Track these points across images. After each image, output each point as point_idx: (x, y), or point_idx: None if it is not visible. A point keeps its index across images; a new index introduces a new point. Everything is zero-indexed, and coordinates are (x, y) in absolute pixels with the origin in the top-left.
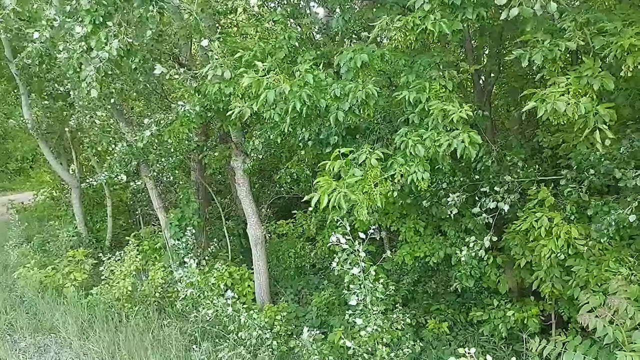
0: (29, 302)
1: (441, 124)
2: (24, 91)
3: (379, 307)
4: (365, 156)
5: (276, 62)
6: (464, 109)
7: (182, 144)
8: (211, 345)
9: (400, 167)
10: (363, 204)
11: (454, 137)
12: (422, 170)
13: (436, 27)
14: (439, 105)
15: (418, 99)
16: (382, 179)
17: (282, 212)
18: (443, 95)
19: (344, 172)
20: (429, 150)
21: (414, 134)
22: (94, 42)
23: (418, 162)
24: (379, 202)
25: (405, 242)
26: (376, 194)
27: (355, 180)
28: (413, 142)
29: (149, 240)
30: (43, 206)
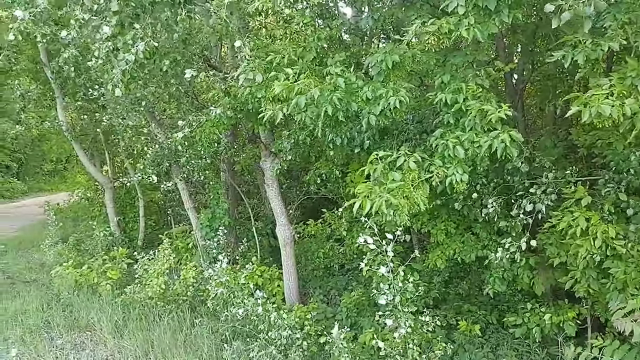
0: (65, 300)
1: (479, 124)
2: (58, 94)
3: (409, 307)
4: (404, 159)
5: (306, 65)
6: (503, 109)
7: (212, 145)
8: (242, 344)
9: (438, 169)
10: (404, 208)
11: (494, 138)
12: (461, 172)
13: (470, 34)
14: (477, 106)
15: (455, 99)
16: (420, 181)
17: (309, 212)
18: (480, 95)
19: (382, 176)
20: (467, 151)
21: (451, 136)
22: (121, 43)
23: (457, 163)
24: (422, 206)
25: (436, 244)
26: (417, 197)
27: (397, 185)
28: (452, 143)
29: (181, 240)
30: (78, 207)
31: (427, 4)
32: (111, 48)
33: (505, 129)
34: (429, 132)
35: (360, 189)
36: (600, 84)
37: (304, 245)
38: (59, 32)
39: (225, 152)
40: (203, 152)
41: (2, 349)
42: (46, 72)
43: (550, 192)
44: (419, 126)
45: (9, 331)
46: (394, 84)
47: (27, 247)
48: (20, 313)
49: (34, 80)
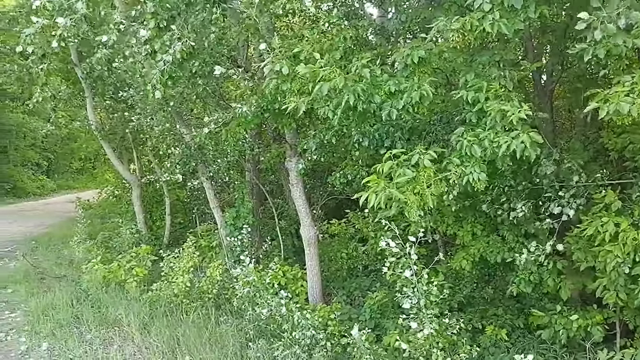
0: (94, 296)
1: (499, 124)
2: (88, 94)
3: (434, 310)
4: (418, 157)
5: (333, 60)
6: (524, 109)
7: (237, 145)
8: (266, 343)
9: (456, 167)
10: (413, 205)
11: (512, 138)
12: (479, 170)
13: (494, 28)
14: (497, 106)
15: (476, 98)
16: (437, 179)
17: (333, 212)
18: (502, 94)
19: (394, 172)
20: (485, 150)
21: (470, 134)
22: (158, 45)
23: (474, 162)
24: (430, 202)
25: (462, 246)
26: (428, 194)
27: (406, 180)
28: (469, 142)
29: (205, 239)
30: (106, 204)
31: (455, 4)
32: (149, 50)
33: (525, 129)
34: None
35: (368, 182)
36: (623, 80)
37: (327, 245)
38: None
39: (250, 151)
40: (228, 151)
41: (34, 343)
42: (77, 72)
43: (579, 196)
44: (447, 127)
45: (40, 325)
46: (418, 79)
47: (57, 244)
48: (51, 308)
49: (64, 81)
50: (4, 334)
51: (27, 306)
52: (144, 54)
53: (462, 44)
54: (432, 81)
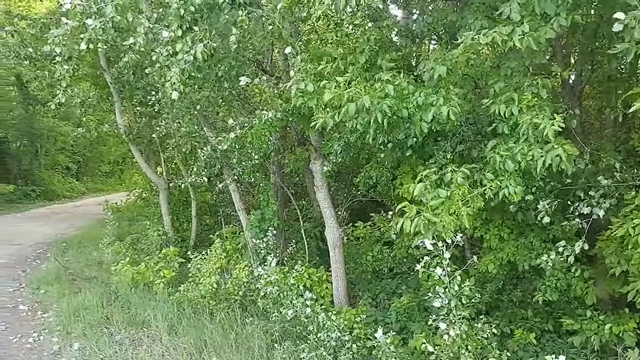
0: (123, 297)
1: (532, 136)
2: (117, 99)
3: (464, 312)
4: (451, 176)
5: (357, 71)
6: (557, 121)
7: (262, 147)
8: (292, 345)
9: (490, 182)
10: (449, 226)
11: (547, 152)
12: (514, 184)
13: (524, 43)
14: (529, 119)
15: (510, 111)
16: (472, 196)
17: (357, 215)
18: (535, 104)
19: (427, 193)
20: (520, 164)
21: (502, 148)
22: (179, 45)
23: (509, 176)
24: (466, 223)
25: (489, 249)
26: (464, 214)
27: (441, 202)
28: (502, 157)
29: (231, 241)
30: (134, 206)
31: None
32: (171, 52)
33: (559, 142)
34: (483, 134)
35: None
36: None
37: (351, 247)
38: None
39: (274, 153)
40: (253, 154)
41: (66, 343)
42: (106, 78)
43: (610, 196)
44: (473, 128)
45: (71, 325)
46: (446, 91)
47: (87, 245)
48: (82, 308)
49: (94, 86)
50: (37, 334)
51: (58, 307)
52: (165, 55)
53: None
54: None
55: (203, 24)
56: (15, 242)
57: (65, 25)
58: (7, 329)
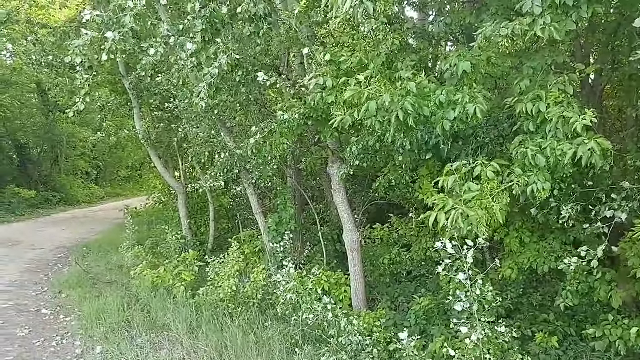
0: (143, 301)
1: (561, 130)
2: (136, 104)
3: (486, 316)
4: (481, 169)
5: (377, 69)
6: (588, 115)
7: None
8: (312, 349)
9: (519, 177)
10: (482, 220)
11: (578, 145)
12: (543, 180)
13: (546, 33)
14: (558, 113)
15: (537, 109)
16: (500, 191)
17: (374, 217)
18: (563, 100)
19: (457, 187)
20: (549, 160)
21: (531, 144)
22: (204, 58)
23: (538, 172)
24: (500, 218)
25: (510, 252)
26: (496, 208)
27: (473, 196)
28: (532, 151)
29: (249, 244)
30: (152, 211)
31: (501, 7)
32: (195, 63)
33: (590, 136)
34: (505, 136)
35: (435, 201)
36: None
37: (369, 251)
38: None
39: (291, 157)
40: (270, 159)
41: (88, 346)
42: (124, 84)
43: (633, 199)
44: (494, 130)
45: (93, 329)
46: (469, 88)
47: (107, 250)
48: (103, 312)
49: (112, 92)
50: (60, 337)
51: (80, 310)
52: (190, 67)
53: (512, 49)
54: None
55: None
56: (37, 246)
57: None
58: (31, 332)
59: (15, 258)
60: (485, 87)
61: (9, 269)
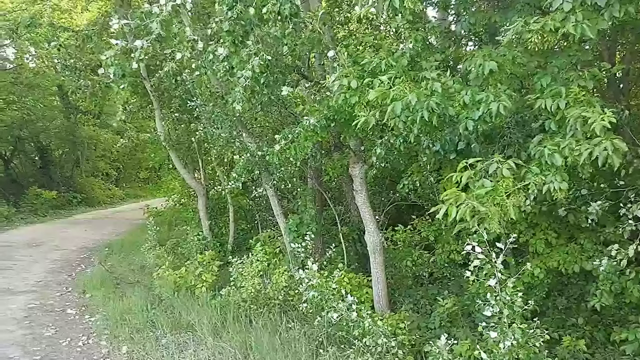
0: (167, 301)
1: (580, 130)
2: (157, 106)
3: (516, 320)
4: (496, 166)
5: (402, 69)
6: (607, 115)
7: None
8: (337, 350)
9: (535, 176)
10: (494, 216)
11: (595, 145)
12: (560, 180)
13: (578, 30)
14: (577, 112)
15: (556, 105)
16: (515, 189)
17: (396, 219)
18: (583, 99)
19: (472, 183)
20: (566, 159)
21: (549, 143)
22: (235, 61)
23: (555, 171)
24: (512, 215)
25: (535, 254)
26: (509, 205)
27: (486, 192)
28: (549, 150)
29: (269, 245)
30: (173, 212)
31: (528, 5)
32: (227, 67)
33: (608, 136)
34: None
35: (447, 195)
36: None
37: (390, 252)
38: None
39: (312, 159)
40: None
41: (114, 346)
42: (145, 86)
43: None
44: (521, 129)
45: (118, 329)
46: (494, 88)
47: (128, 250)
48: (127, 312)
49: (133, 94)
50: (85, 337)
51: (105, 310)
52: (222, 71)
53: (540, 46)
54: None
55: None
56: (60, 247)
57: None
58: (57, 332)
59: (40, 258)
60: (510, 87)
61: (33, 269)
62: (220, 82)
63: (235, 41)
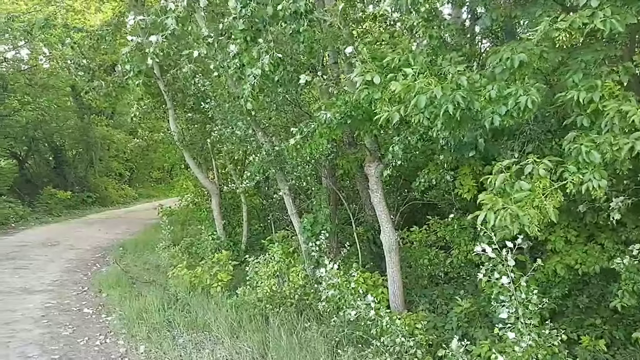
0: (182, 301)
1: (618, 125)
2: (170, 106)
3: (533, 320)
4: (532, 167)
5: (424, 65)
6: None
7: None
8: (355, 350)
9: (572, 175)
10: (534, 220)
11: (636, 139)
12: (599, 177)
13: (607, 25)
14: (615, 106)
15: (590, 99)
16: (553, 190)
17: (409, 218)
18: (618, 93)
19: (507, 185)
20: (605, 155)
21: (585, 139)
22: (246, 59)
23: (593, 169)
24: (553, 217)
25: (554, 252)
26: (549, 207)
27: (525, 195)
28: (587, 147)
29: (283, 244)
30: (186, 211)
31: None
32: (238, 64)
33: None
34: (552, 131)
35: (484, 200)
36: None
37: (405, 252)
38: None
39: (326, 157)
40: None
41: (132, 345)
42: (159, 86)
43: None
44: (542, 125)
45: (135, 328)
46: (521, 82)
47: (143, 249)
48: (144, 312)
49: (147, 94)
50: (103, 336)
51: (121, 310)
52: (233, 68)
53: (568, 43)
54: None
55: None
56: (75, 246)
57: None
58: (75, 331)
59: (55, 258)
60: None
61: (49, 268)
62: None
63: (247, 39)
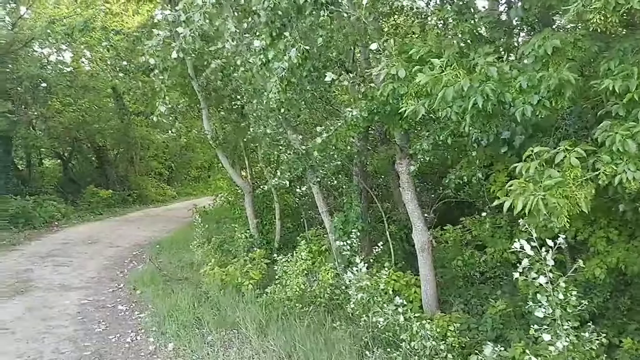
0: (213, 299)
1: None
2: (204, 106)
3: (571, 322)
4: (564, 155)
5: (453, 57)
6: None
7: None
8: (384, 352)
9: (606, 165)
10: (564, 209)
11: None
12: (634, 169)
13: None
14: None
15: (626, 87)
16: (584, 180)
17: (443, 216)
18: None
19: (537, 173)
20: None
21: (621, 128)
22: (271, 54)
23: (628, 159)
24: (584, 207)
25: (595, 253)
26: (580, 197)
27: (555, 183)
28: (621, 136)
29: (315, 243)
30: (220, 210)
31: None
32: (263, 60)
33: None
34: (589, 127)
35: (511, 186)
36: None
37: (439, 251)
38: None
39: (357, 155)
40: (336, 156)
41: (161, 343)
42: (193, 85)
43: None
44: (579, 121)
45: (165, 326)
46: (555, 69)
47: (178, 247)
48: (175, 309)
49: (182, 94)
50: (134, 333)
51: (153, 307)
52: (258, 64)
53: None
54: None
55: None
56: (115, 244)
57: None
58: (107, 328)
59: (95, 255)
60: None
61: (88, 265)
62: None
63: (272, 33)
